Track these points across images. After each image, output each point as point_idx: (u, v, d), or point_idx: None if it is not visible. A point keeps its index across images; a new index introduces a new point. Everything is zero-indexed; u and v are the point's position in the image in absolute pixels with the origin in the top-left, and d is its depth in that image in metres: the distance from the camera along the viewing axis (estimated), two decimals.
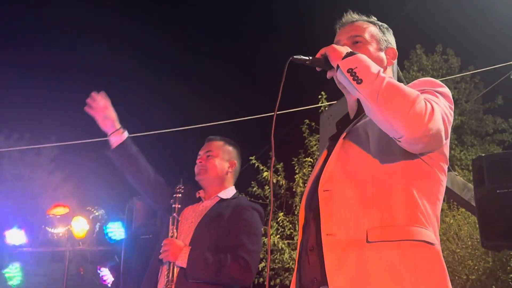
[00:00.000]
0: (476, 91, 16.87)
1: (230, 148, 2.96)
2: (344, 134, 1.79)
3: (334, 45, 1.71)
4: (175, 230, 2.67)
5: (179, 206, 2.74)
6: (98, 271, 5.83)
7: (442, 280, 1.54)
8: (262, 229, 2.83)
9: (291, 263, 11.26)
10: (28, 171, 20.03)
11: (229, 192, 2.86)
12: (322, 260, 1.62)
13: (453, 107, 1.71)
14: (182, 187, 2.79)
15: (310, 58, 1.74)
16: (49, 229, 5.53)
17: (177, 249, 2.56)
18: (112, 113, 2.79)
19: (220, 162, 2.87)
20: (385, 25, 1.99)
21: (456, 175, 6.96)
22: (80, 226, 5.52)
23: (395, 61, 1.97)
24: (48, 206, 6.04)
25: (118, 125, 2.80)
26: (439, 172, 1.69)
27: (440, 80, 1.85)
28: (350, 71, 1.59)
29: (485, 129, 16.79)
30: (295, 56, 1.74)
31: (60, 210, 5.55)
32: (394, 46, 1.97)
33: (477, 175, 4.42)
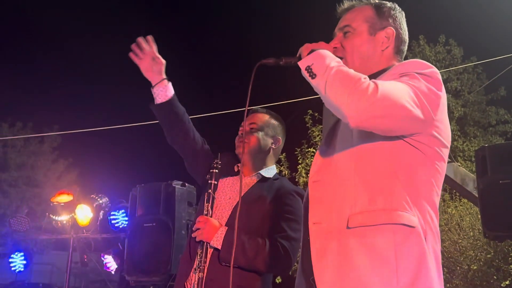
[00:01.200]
0: (479, 82, 16.80)
1: (276, 123, 2.70)
2: (333, 124, 1.84)
3: (307, 44, 1.74)
4: (210, 208, 2.47)
5: (216, 182, 2.52)
6: (102, 258, 5.86)
7: (422, 262, 1.53)
8: None
9: None
10: (31, 160, 20.08)
11: (271, 171, 2.65)
12: None
13: (440, 87, 1.66)
14: (220, 162, 2.56)
15: (283, 58, 1.78)
16: (53, 217, 5.55)
17: (213, 228, 2.38)
18: (159, 62, 2.48)
19: (263, 136, 2.62)
20: (388, 4, 1.91)
21: (459, 165, 6.97)
22: (84, 214, 5.54)
23: (399, 43, 1.88)
24: (51, 194, 6.07)
25: (163, 75, 2.52)
26: (432, 157, 1.66)
27: (443, 71, 1.84)
28: (307, 68, 1.63)
29: (488, 120, 16.74)
30: (264, 61, 1.79)
31: (64, 198, 5.57)
32: (396, 25, 1.88)
33: (480, 165, 4.43)
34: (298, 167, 12.20)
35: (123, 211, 5.55)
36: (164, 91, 2.52)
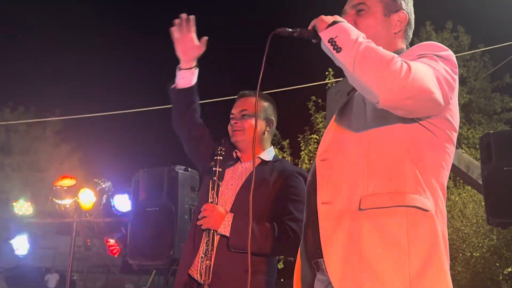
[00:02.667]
0: (485, 70, 16.71)
1: (266, 104, 2.66)
2: (343, 105, 1.79)
3: (322, 16, 1.67)
4: (215, 196, 2.45)
5: (220, 169, 2.50)
6: (105, 243, 5.88)
7: (435, 246, 1.52)
8: None
9: None
10: (34, 145, 20.14)
11: (270, 153, 2.63)
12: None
13: (457, 70, 1.64)
14: (224, 148, 2.54)
15: (298, 29, 1.70)
16: (56, 201, 5.56)
17: (219, 216, 2.37)
18: (200, 48, 2.41)
19: (257, 121, 2.56)
20: None
21: (463, 152, 6.93)
22: (87, 198, 5.54)
23: (408, 27, 1.86)
24: (54, 178, 6.07)
25: (195, 63, 2.46)
26: (444, 140, 1.65)
27: None
28: (331, 41, 1.57)
29: (493, 108, 16.67)
30: (278, 30, 1.71)
31: (67, 182, 5.57)
32: (408, 9, 1.85)
33: (484, 152, 4.41)
34: (301, 153, 12.20)
35: (126, 195, 5.55)
36: (191, 77, 2.49)
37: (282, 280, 17.74)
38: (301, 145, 12.28)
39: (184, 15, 2.34)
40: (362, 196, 1.58)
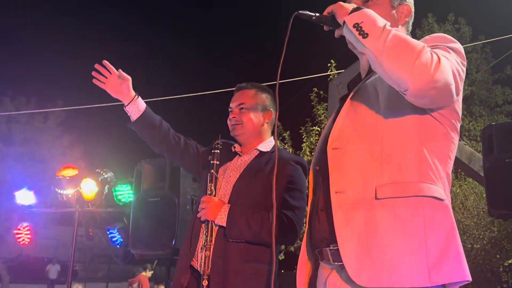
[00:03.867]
0: (486, 62, 16.66)
1: (264, 96, 2.67)
2: (352, 93, 1.77)
3: (340, 2, 1.67)
4: (213, 188, 2.49)
5: (218, 162, 2.54)
6: (107, 232, 5.89)
7: (451, 235, 1.53)
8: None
9: None
10: (36, 135, 20.14)
11: (268, 144, 2.65)
12: (331, 219, 1.62)
13: (465, 63, 1.66)
14: (220, 142, 2.60)
15: (317, 14, 1.70)
16: (58, 190, 5.57)
17: (216, 207, 2.41)
18: (126, 78, 2.56)
19: (255, 114, 2.61)
20: None
21: (465, 144, 6.93)
22: (89, 188, 5.55)
23: (410, 19, 1.88)
24: (56, 169, 6.08)
25: (133, 93, 2.58)
26: (450, 130, 1.66)
27: None
28: (356, 26, 1.56)
29: (494, 100, 16.64)
30: (300, 11, 1.69)
31: (69, 172, 5.58)
32: (410, 2, 1.88)
33: (486, 143, 4.41)
34: (302, 145, 12.19)
35: (128, 185, 5.56)
36: (136, 106, 2.60)
37: (283, 271, 17.80)
38: (303, 137, 12.28)
39: (97, 66, 2.55)
40: (378, 185, 1.58)
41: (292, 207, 2.40)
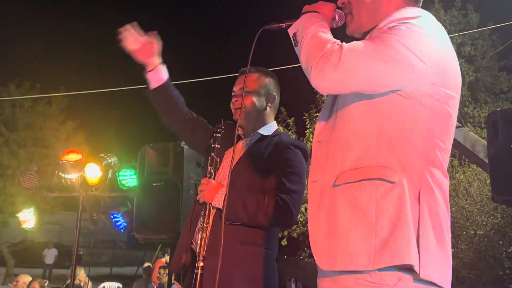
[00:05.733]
0: (492, 48, 16.53)
1: (267, 80, 2.66)
2: None
3: (306, 6, 1.76)
4: (212, 171, 2.51)
5: (219, 146, 2.55)
6: (111, 217, 5.92)
7: (401, 217, 1.48)
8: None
9: (298, 216, 11.42)
10: (40, 121, 20.18)
11: (270, 128, 2.65)
12: None
13: (426, 31, 1.57)
14: (223, 126, 2.60)
15: (285, 22, 1.81)
16: (62, 175, 5.58)
17: (214, 189, 2.43)
18: (153, 45, 2.52)
19: (258, 98, 2.61)
20: None
21: (469, 131, 6.90)
22: (93, 173, 5.56)
23: None
24: (60, 154, 6.08)
25: (158, 60, 2.55)
26: (430, 107, 1.57)
27: (458, 35, 1.74)
28: (294, 36, 1.70)
29: (500, 87, 16.54)
30: (266, 27, 1.85)
31: (73, 157, 5.58)
32: None
33: (491, 129, 4.38)
34: (306, 132, 12.20)
35: (131, 170, 5.56)
36: (160, 75, 2.57)
37: (285, 257, 17.89)
38: (307, 123, 12.28)
39: (125, 27, 2.48)
40: (340, 172, 1.60)
41: (289, 191, 2.39)
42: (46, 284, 7.10)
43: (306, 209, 11.72)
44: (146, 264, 12.27)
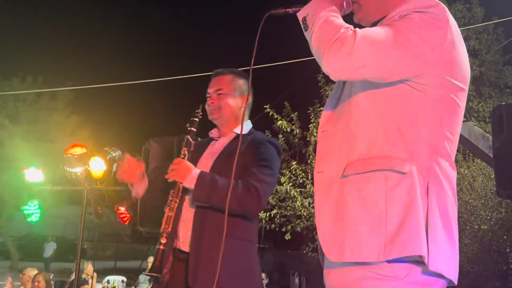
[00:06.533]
0: (497, 42, 16.44)
1: (241, 82, 2.73)
2: None
3: None
4: (186, 152, 2.53)
5: (194, 129, 2.61)
6: (116, 210, 5.93)
7: (412, 208, 1.48)
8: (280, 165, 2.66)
9: (302, 211, 11.44)
10: (44, 115, 20.23)
11: (245, 127, 2.67)
12: None
13: (440, 22, 1.55)
14: (201, 112, 2.66)
15: (292, 7, 1.75)
16: (67, 168, 5.60)
17: (187, 169, 2.43)
18: (142, 164, 2.61)
19: (232, 99, 2.68)
20: None
21: (474, 125, 6.87)
22: (98, 166, 5.57)
23: None
24: (64, 148, 6.10)
25: (145, 175, 2.63)
26: (438, 99, 1.56)
27: (462, 29, 1.72)
28: (303, 20, 1.63)
29: (504, 81, 16.44)
30: (272, 11, 1.78)
31: (77, 150, 5.59)
32: None
33: (496, 124, 4.37)
34: (309, 126, 12.18)
35: None
36: (143, 186, 2.61)
37: (289, 251, 17.93)
38: (311, 117, 12.25)
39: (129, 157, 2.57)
40: (348, 162, 1.59)
41: (260, 180, 2.40)
42: (50, 277, 7.13)
43: (309, 204, 11.71)
44: (151, 258, 12.29)
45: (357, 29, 1.52)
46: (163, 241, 2.38)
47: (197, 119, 2.63)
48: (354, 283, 1.53)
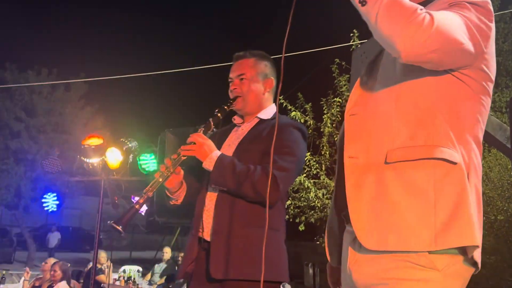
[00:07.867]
0: None
1: (263, 64, 2.64)
2: (372, 59, 1.77)
3: None
4: (203, 128, 2.47)
5: (219, 115, 2.51)
6: (132, 200, 5.99)
7: (462, 199, 1.48)
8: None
9: (316, 202, 11.42)
10: (59, 106, 20.41)
11: (269, 111, 2.63)
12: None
13: (492, 18, 1.57)
14: (233, 103, 2.58)
15: None
16: (84, 159, 5.65)
17: (208, 148, 2.38)
18: (181, 173, 2.58)
19: (256, 84, 2.59)
20: None
21: (491, 115, 6.81)
22: (114, 157, 5.61)
23: None
24: (79, 140, 6.16)
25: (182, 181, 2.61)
26: (478, 91, 1.59)
27: None
28: None
29: None
30: None
31: (94, 141, 5.64)
32: None
33: None
34: (323, 117, 12.12)
35: (152, 154, 5.61)
36: (184, 191, 2.64)
37: (302, 242, 17.96)
38: (324, 108, 12.19)
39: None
40: (389, 150, 1.56)
41: (280, 168, 2.34)
42: (68, 266, 7.23)
43: (323, 195, 11.63)
44: (166, 248, 12.37)
45: (432, 12, 1.47)
46: (140, 201, 2.37)
47: (227, 108, 2.55)
48: (388, 272, 1.50)
